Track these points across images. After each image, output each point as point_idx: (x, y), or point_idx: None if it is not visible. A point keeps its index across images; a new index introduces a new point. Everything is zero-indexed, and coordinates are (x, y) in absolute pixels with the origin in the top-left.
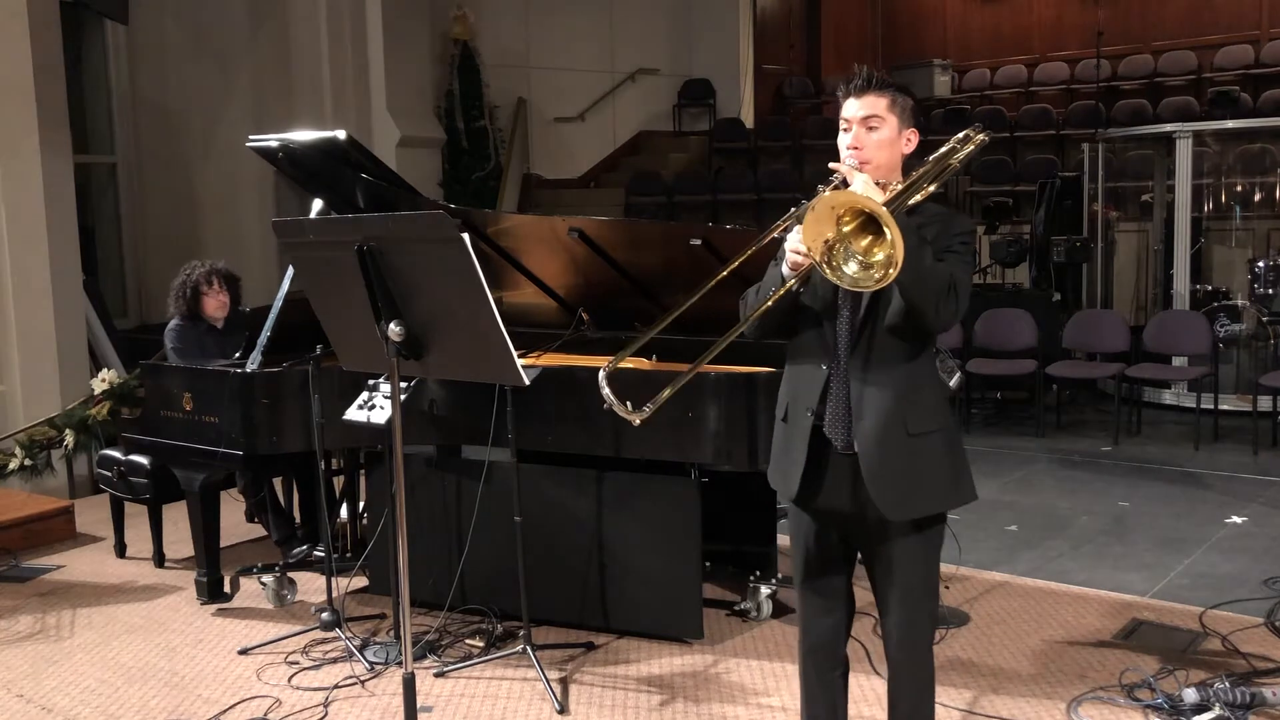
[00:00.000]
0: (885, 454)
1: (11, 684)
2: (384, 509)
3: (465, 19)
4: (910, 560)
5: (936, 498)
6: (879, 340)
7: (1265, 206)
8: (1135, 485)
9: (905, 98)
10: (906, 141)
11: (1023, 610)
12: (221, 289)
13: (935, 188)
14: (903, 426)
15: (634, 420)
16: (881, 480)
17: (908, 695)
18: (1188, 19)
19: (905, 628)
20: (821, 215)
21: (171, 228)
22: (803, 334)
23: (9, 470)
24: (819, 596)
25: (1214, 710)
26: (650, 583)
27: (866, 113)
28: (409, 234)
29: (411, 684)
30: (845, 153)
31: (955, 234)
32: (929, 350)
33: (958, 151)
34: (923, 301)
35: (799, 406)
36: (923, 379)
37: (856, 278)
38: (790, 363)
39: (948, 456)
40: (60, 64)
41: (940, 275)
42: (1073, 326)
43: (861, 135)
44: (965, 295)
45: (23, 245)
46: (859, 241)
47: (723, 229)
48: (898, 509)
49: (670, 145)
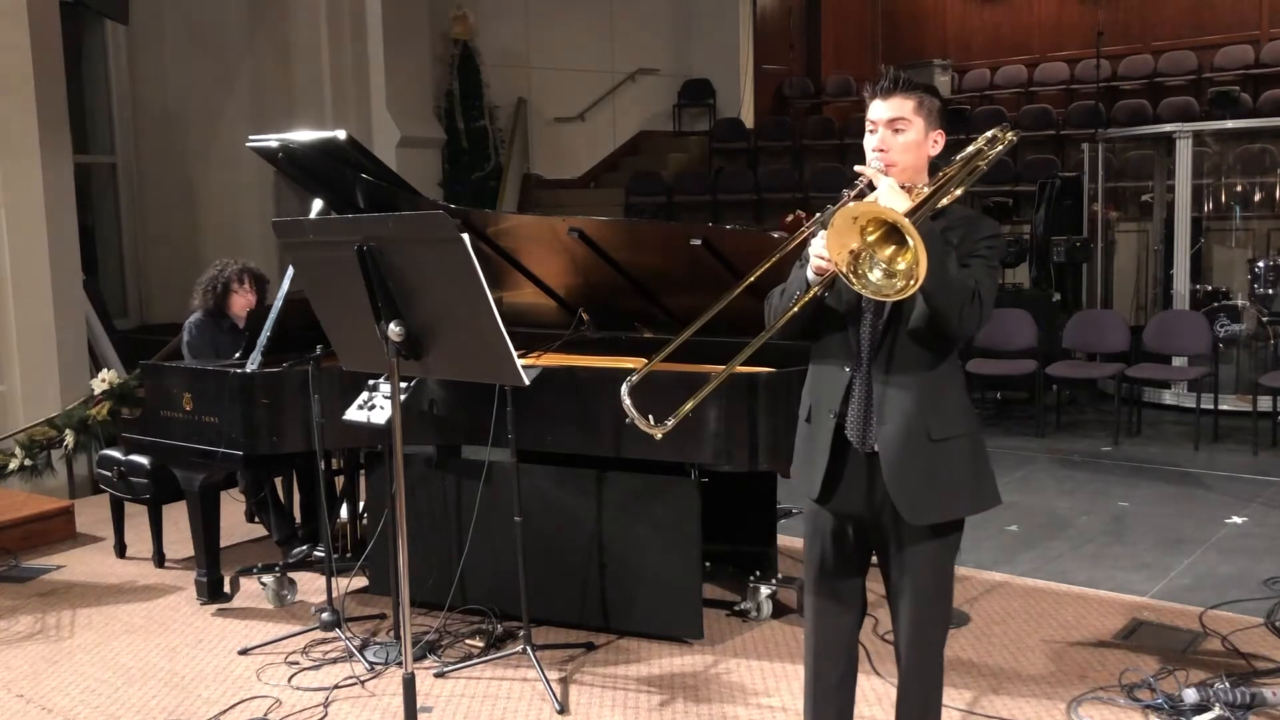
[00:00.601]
0: (906, 458)
1: (11, 684)
2: (384, 509)
3: (465, 19)
4: (927, 564)
5: (957, 503)
6: (902, 345)
7: (1265, 206)
8: (1135, 485)
9: (932, 99)
10: (934, 144)
11: (1023, 610)
12: (251, 289)
13: (962, 191)
14: (925, 432)
15: (656, 434)
16: (902, 484)
17: (917, 698)
18: (1188, 19)
19: (918, 630)
20: (843, 226)
21: (171, 228)
22: (826, 336)
23: (9, 470)
24: (832, 598)
25: (1214, 710)
26: (650, 583)
27: (893, 115)
28: (409, 234)
29: (411, 684)
30: (871, 155)
31: (981, 239)
32: (953, 355)
33: (986, 153)
34: (946, 309)
35: (821, 408)
36: (946, 384)
37: (880, 286)
38: (814, 364)
39: (970, 462)
40: (60, 64)
41: (964, 283)
42: (1073, 326)
43: (888, 138)
44: (990, 301)
45: (23, 245)
46: (883, 250)
47: (723, 229)
48: (918, 513)
49: (670, 145)
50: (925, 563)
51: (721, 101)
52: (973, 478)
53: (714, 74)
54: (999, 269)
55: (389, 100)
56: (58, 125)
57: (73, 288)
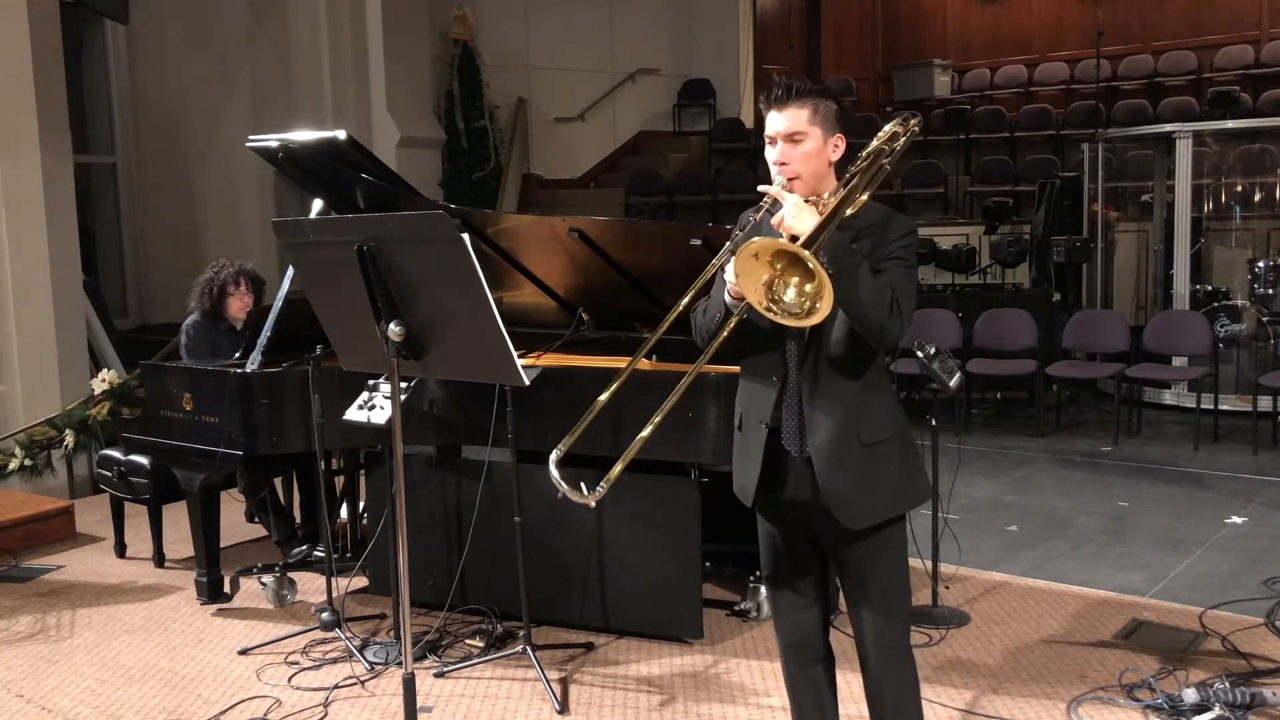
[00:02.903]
0: (839, 465)
1: (11, 684)
2: (384, 509)
3: (465, 19)
4: (873, 562)
5: (892, 502)
6: (826, 358)
7: (1265, 206)
8: (1135, 485)
9: (828, 104)
10: (834, 148)
11: (1023, 610)
12: (248, 290)
13: (868, 196)
14: (855, 439)
15: (590, 503)
16: (837, 492)
17: (889, 698)
18: (1188, 19)
19: (876, 632)
20: (748, 266)
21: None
22: (752, 351)
23: (9, 470)
24: (791, 593)
25: (1214, 710)
26: (650, 583)
27: (789, 126)
28: (409, 234)
29: (411, 684)
30: (773, 169)
31: (894, 240)
32: (879, 359)
33: (888, 151)
34: (865, 323)
35: (752, 418)
36: (874, 389)
37: (795, 310)
38: (743, 377)
39: (902, 461)
40: (60, 64)
41: (880, 295)
42: (1073, 326)
43: (786, 150)
44: (910, 307)
45: (23, 245)
46: (793, 274)
47: (723, 229)
48: (853, 518)
49: (670, 145)
50: (872, 562)
51: (721, 101)
52: (906, 475)
53: (714, 74)
54: (915, 268)
55: (389, 100)
56: (58, 125)
57: (73, 288)
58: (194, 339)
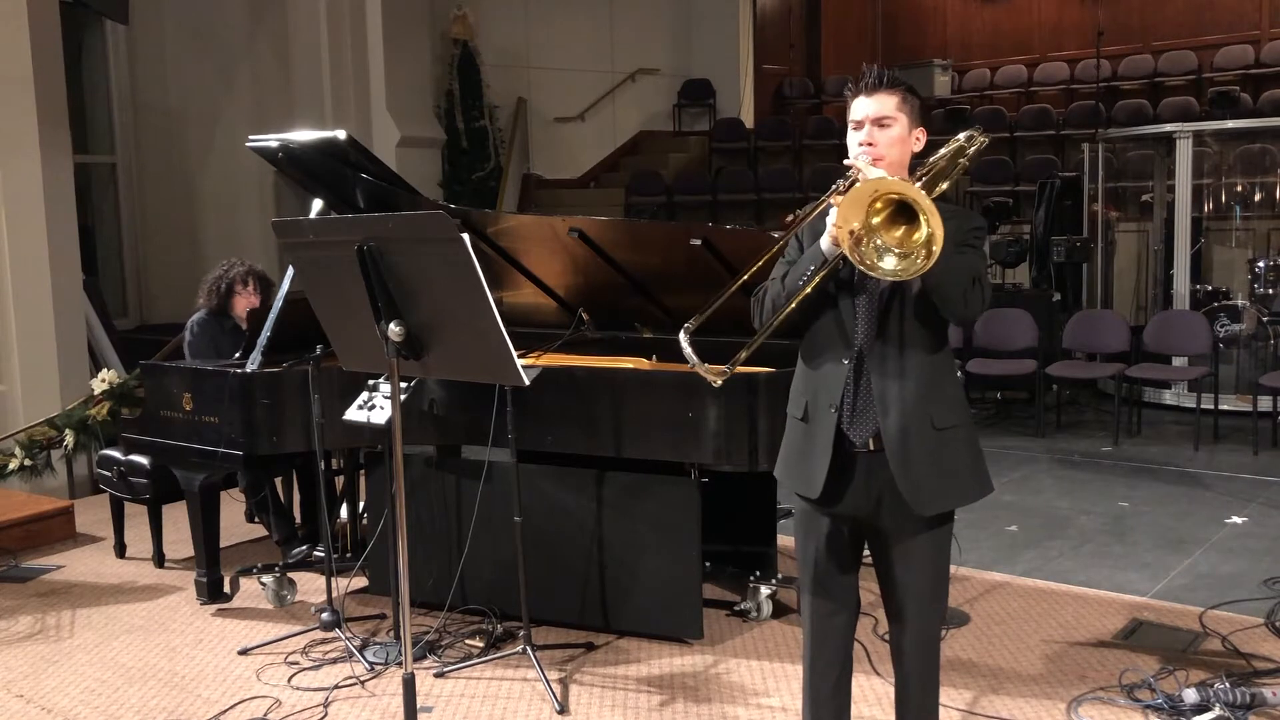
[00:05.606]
0: (913, 448)
1: (11, 684)
2: (384, 509)
3: (465, 19)
4: (923, 559)
5: (962, 492)
6: (900, 334)
7: (1265, 206)
8: (1135, 485)
9: (914, 96)
10: (916, 140)
11: (1023, 610)
12: (255, 290)
13: (947, 186)
14: (929, 421)
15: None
16: (910, 474)
17: (917, 697)
18: (1188, 19)
19: (921, 628)
20: (859, 200)
21: (171, 228)
22: (819, 330)
23: (9, 470)
24: (827, 598)
25: (1214, 710)
26: (650, 583)
27: (879, 111)
28: (409, 234)
29: (411, 684)
30: (857, 149)
31: (970, 229)
32: (948, 345)
33: (966, 150)
34: (953, 290)
35: (821, 403)
36: (944, 373)
37: (896, 270)
38: (807, 360)
39: (970, 451)
40: (60, 64)
41: (967, 265)
42: (1073, 326)
43: (875, 133)
44: (989, 287)
45: (23, 245)
46: (890, 233)
47: (723, 229)
48: (924, 503)
49: (670, 145)
50: (925, 559)
51: (721, 101)
52: (974, 466)
53: (714, 74)
54: (986, 260)
55: (389, 100)
56: (58, 125)
57: (73, 288)
58: (198, 336)
